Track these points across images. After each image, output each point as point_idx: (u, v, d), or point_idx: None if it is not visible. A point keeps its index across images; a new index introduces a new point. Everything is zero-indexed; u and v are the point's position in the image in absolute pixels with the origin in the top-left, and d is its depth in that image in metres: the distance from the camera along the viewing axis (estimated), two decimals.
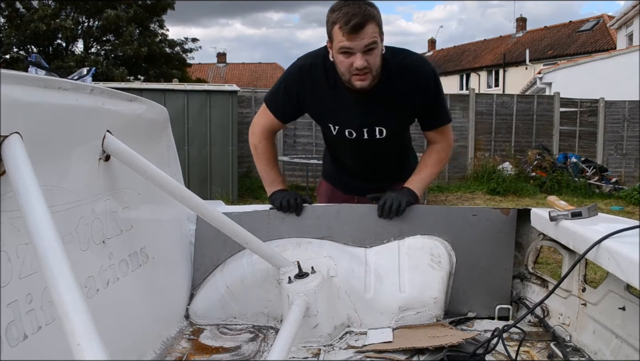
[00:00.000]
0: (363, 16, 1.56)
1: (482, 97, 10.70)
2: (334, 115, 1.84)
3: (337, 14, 1.59)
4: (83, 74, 5.06)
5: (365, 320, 1.69)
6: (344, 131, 1.86)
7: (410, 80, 1.75)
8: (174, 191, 1.46)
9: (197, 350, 1.57)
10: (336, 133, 1.88)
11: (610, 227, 1.30)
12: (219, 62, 36.29)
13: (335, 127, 1.87)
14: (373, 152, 1.93)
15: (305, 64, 1.81)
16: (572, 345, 1.52)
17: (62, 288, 0.85)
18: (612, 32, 20.70)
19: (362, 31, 1.58)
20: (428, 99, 1.80)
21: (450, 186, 9.81)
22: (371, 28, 1.59)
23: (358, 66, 1.62)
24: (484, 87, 26.88)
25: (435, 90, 1.81)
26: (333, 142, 2.00)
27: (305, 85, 1.81)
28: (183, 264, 1.82)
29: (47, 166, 1.08)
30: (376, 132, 1.84)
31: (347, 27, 1.57)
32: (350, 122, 1.83)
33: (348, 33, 1.58)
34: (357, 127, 1.83)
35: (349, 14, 1.56)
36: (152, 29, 18.69)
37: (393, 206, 1.78)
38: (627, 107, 10.58)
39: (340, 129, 1.86)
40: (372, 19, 1.59)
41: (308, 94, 1.82)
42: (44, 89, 1.03)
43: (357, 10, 1.56)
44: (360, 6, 1.58)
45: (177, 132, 4.81)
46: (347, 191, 2.09)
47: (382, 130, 1.84)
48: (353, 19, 1.56)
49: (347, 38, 1.59)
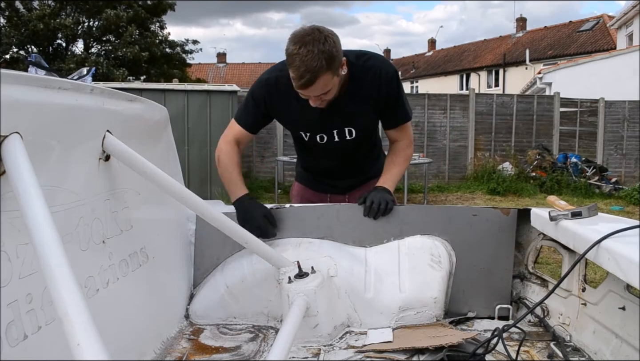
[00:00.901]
0: (313, 72, 1.57)
1: (482, 97, 10.70)
2: (303, 124, 1.90)
3: (290, 62, 1.59)
4: (83, 74, 5.06)
5: (365, 320, 1.69)
6: (315, 137, 1.92)
7: (373, 81, 1.79)
8: (174, 191, 1.46)
9: (197, 350, 1.57)
10: (308, 139, 1.94)
11: (610, 227, 1.30)
12: (219, 62, 36.29)
13: (307, 134, 1.93)
14: (344, 154, 1.98)
15: (270, 77, 1.84)
16: (572, 345, 1.52)
17: (62, 288, 0.85)
18: (612, 32, 20.70)
19: (312, 86, 1.61)
20: (390, 99, 1.85)
21: (450, 186, 9.81)
22: (323, 80, 1.61)
23: (312, 105, 1.71)
24: (484, 87, 26.87)
25: (397, 90, 1.86)
26: (306, 147, 2.05)
27: (272, 97, 1.85)
28: (183, 264, 1.82)
29: (47, 166, 1.08)
30: (346, 134, 1.90)
31: (298, 83, 1.60)
32: (320, 127, 1.89)
33: (299, 87, 1.62)
34: (327, 131, 1.90)
35: (300, 70, 1.57)
36: (152, 30, 18.69)
37: (381, 205, 1.80)
38: (627, 107, 10.58)
39: (311, 136, 1.92)
40: (322, 71, 1.59)
41: (276, 105, 1.87)
42: (44, 89, 1.03)
43: (308, 66, 1.56)
44: (312, 58, 1.55)
45: (177, 132, 4.80)
46: (319, 189, 2.15)
47: (351, 130, 1.90)
48: (304, 76, 1.58)
49: (300, 90, 1.64)
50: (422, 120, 9.95)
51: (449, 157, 10.31)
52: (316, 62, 1.56)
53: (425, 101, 10.07)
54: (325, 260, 1.72)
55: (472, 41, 32.52)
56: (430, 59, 33.81)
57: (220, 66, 35.88)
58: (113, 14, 16.34)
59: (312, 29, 1.60)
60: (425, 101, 10.06)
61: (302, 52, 1.55)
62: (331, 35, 1.61)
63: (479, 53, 29.75)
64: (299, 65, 1.56)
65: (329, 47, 1.58)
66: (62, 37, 17.50)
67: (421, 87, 29.91)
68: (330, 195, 2.12)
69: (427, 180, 8.45)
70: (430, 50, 35.46)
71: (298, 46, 1.56)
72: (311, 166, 2.15)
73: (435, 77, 30.11)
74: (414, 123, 1.93)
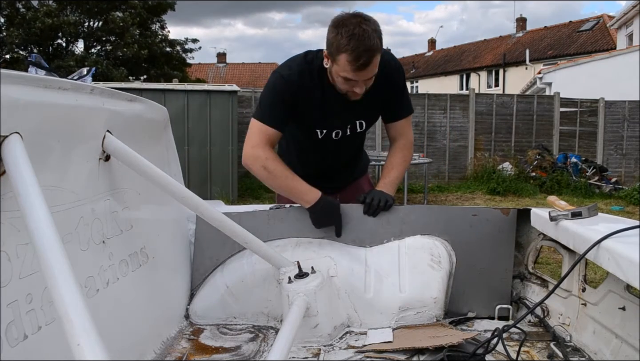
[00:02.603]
0: (372, 52, 1.55)
1: (482, 97, 10.70)
2: (322, 120, 1.85)
3: (346, 45, 1.55)
4: (83, 74, 5.06)
5: (365, 320, 1.69)
6: (332, 133, 1.87)
7: (382, 72, 1.76)
8: (174, 191, 1.46)
9: (197, 350, 1.57)
10: (322, 136, 1.88)
11: (610, 227, 1.30)
12: (219, 62, 36.29)
13: (323, 131, 1.87)
14: (349, 149, 1.99)
15: (291, 74, 1.76)
16: (572, 345, 1.52)
17: (62, 288, 0.85)
18: (612, 32, 20.70)
19: (368, 67, 1.59)
20: (396, 90, 1.86)
21: (450, 186, 9.81)
22: (376, 60, 1.60)
23: (358, 92, 1.66)
24: (484, 87, 26.87)
25: (403, 82, 1.88)
26: (312, 147, 1.97)
27: (298, 93, 1.77)
28: (183, 264, 1.82)
29: (47, 166, 1.08)
30: (357, 126, 1.90)
31: (356, 64, 1.57)
32: (338, 123, 1.87)
33: (356, 69, 1.58)
34: (344, 126, 1.88)
35: (359, 50, 1.54)
36: (153, 30, 18.70)
37: (380, 203, 1.80)
38: (627, 107, 10.58)
39: (327, 133, 1.87)
40: (378, 51, 1.58)
41: (300, 101, 1.79)
42: (44, 89, 1.03)
43: (366, 45, 1.54)
44: (369, 38, 1.54)
45: (177, 132, 4.80)
46: None
47: (362, 123, 1.90)
48: (363, 57, 1.55)
49: (354, 73, 1.60)
50: (422, 120, 9.96)
51: (449, 157, 10.30)
52: (373, 41, 1.55)
53: (425, 101, 10.07)
54: (325, 260, 1.72)
55: (472, 41, 32.54)
56: (430, 59, 33.81)
57: (220, 65, 35.87)
58: (119, 18, 16.31)
59: (355, 14, 1.60)
60: (425, 101, 10.06)
61: (359, 32, 1.53)
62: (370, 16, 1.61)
63: (479, 53, 29.74)
64: (356, 45, 1.53)
65: (376, 26, 1.59)
66: (63, 37, 17.51)
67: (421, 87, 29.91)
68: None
69: (427, 180, 8.44)
70: (430, 50, 35.46)
71: (352, 27, 1.54)
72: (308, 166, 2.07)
73: (435, 77, 30.11)
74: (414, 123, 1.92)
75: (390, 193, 1.87)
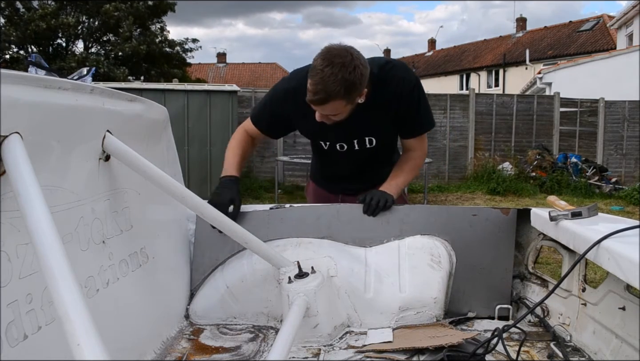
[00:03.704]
0: (327, 94, 1.56)
1: (482, 97, 10.71)
2: (322, 133, 1.88)
3: (312, 75, 1.57)
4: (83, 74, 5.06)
5: (365, 320, 1.69)
6: (335, 146, 1.91)
7: (394, 90, 1.77)
8: (174, 191, 1.46)
9: (197, 350, 1.57)
10: (328, 148, 1.94)
11: (610, 227, 1.29)
12: (219, 62, 36.30)
13: (326, 143, 1.93)
14: (364, 160, 1.98)
15: (289, 87, 1.83)
16: (572, 345, 1.52)
17: (62, 288, 0.85)
18: (612, 32, 20.70)
19: (322, 106, 1.61)
20: (410, 109, 1.83)
21: (450, 186, 9.82)
22: (334, 105, 1.60)
23: (317, 119, 1.70)
24: (484, 87, 26.88)
25: (418, 100, 1.84)
26: (324, 154, 2.03)
27: (290, 107, 1.84)
28: (183, 264, 1.82)
29: (47, 166, 1.08)
30: (366, 143, 1.90)
31: (311, 98, 1.60)
32: (340, 137, 1.88)
33: (310, 100, 1.61)
34: (348, 141, 1.89)
35: (317, 87, 1.56)
36: (153, 30, 18.71)
37: (380, 202, 1.80)
38: (627, 107, 10.59)
39: (331, 145, 1.92)
40: (337, 97, 1.58)
41: (294, 115, 1.86)
42: (44, 89, 1.03)
43: (325, 86, 1.55)
44: (333, 82, 1.54)
45: (177, 132, 4.79)
46: (333, 190, 2.16)
47: (371, 140, 1.89)
48: (318, 94, 1.57)
49: (310, 103, 1.63)
50: None
51: (449, 157, 10.31)
52: (334, 87, 1.55)
53: None
54: (325, 260, 1.72)
55: (472, 41, 32.54)
56: (430, 59, 33.81)
57: (220, 65, 35.88)
58: (111, 7, 16.30)
59: (346, 51, 1.57)
60: None
61: (326, 72, 1.53)
62: (361, 66, 1.58)
63: (479, 53, 29.75)
64: (317, 82, 1.55)
65: (354, 77, 1.56)
66: (63, 37, 17.51)
67: None
68: (342, 195, 2.11)
69: (427, 180, 8.44)
70: (430, 51, 35.47)
71: (325, 64, 1.54)
72: (327, 170, 2.14)
73: (435, 77, 30.12)
74: None
75: (394, 195, 1.87)
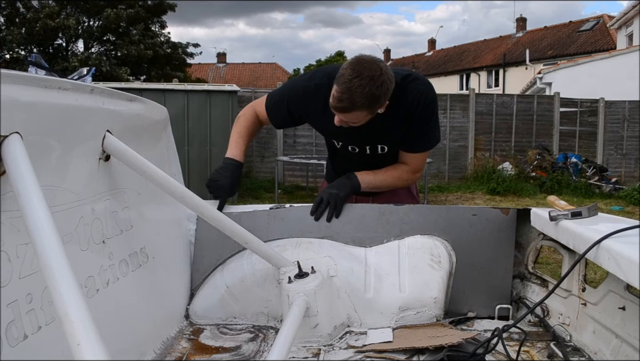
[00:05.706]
0: (351, 104, 1.58)
1: (482, 97, 10.71)
2: (337, 133, 1.90)
3: (339, 83, 1.58)
4: (83, 74, 5.06)
5: (365, 320, 1.69)
6: (347, 147, 1.94)
7: (412, 102, 1.78)
8: (174, 191, 1.46)
9: (197, 350, 1.57)
10: (340, 147, 1.97)
11: (610, 227, 1.29)
12: (219, 62, 36.32)
13: (339, 143, 1.96)
14: (375, 164, 1.97)
15: (309, 86, 1.85)
16: (572, 345, 1.52)
17: (62, 288, 0.85)
18: (612, 32, 20.71)
19: (344, 114, 1.63)
20: (421, 123, 1.84)
21: (450, 186, 9.82)
22: (356, 114, 1.63)
23: (336, 122, 1.71)
24: (484, 87, 26.89)
25: (430, 117, 1.85)
26: (337, 153, 2.07)
27: (308, 106, 1.87)
28: (183, 264, 1.82)
29: (47, 165, 1.08)
30: (378, 149, 1.92)
31: (334, 104, 1.61)
32: (354, 140, 1.91)
33: (333, 107, 1.63)
34: (360, 145, 1.91)
35: (343, 96, 1.57)
36: (153, 30, 18.73)
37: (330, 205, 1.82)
38: (627, 107, 10.59)
39: (343, 145, 1.95)
40: (361, 109, 1.60)
41: (311, 113, 1.89)
42: (44, 89, 1.03)
43: (351, 97, 1.56)
44: (359, 94, 1.56)
45: (177, 132, 4.80)
46: None
47: (384, 147, 1.91)
48: (342, 101, 1.58)
49: (332, 108, 1.64)
50: None
51: (449, 157, 10.31)
52: (360, 99, 1.57)
53: None
54: (325, 260, 1.72)
55: (473, 41, 32.54)
56: (431, 59, 33.82)
57: (220, 66, 35.90)
58: (113, 13, 16.36)
59: (376, 64, 1.58)
60: None
61: (354, 83, 1.55)
62: (388, 81, 1.60)
63: (479, 53, 29.76)
64: (343, 91, 1.57)
65: (380, 92, 1.58)
66: (63, 37, 17.51)
67: None
68: (356, 196, 2.09)
69: (427, 180, 8.45)
70: (431, 51, 35.47)
71: (354, 75, 1.55)
72: (339, 167, 2.14)
73: (436, 77, 30.11)
74: None
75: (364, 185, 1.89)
